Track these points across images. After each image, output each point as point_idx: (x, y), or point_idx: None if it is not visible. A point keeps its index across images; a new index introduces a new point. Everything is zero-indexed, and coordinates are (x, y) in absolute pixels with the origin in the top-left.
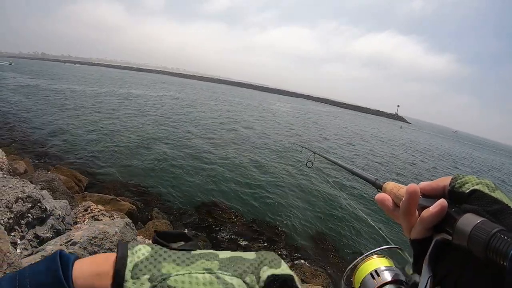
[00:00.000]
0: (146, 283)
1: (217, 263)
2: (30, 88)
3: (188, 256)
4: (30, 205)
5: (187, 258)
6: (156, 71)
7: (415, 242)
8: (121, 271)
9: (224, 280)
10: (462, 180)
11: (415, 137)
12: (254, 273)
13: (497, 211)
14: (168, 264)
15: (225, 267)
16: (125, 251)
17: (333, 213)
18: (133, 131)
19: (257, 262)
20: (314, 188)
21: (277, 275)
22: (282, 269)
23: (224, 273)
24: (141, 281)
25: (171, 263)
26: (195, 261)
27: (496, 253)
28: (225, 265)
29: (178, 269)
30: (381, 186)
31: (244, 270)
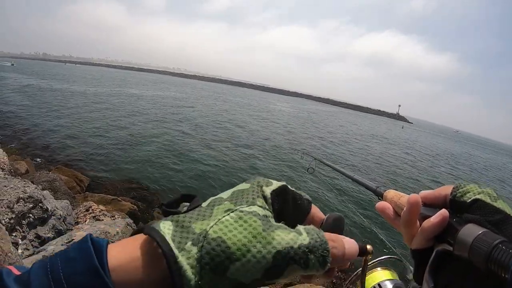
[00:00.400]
0: (193, 248)
1: (228, 203)
2: (31, 88)
3: (204, 210)
4: (31, 205)
5: (204, 211)
6: (157, 71)
7: (416, 252)
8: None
9: (247, 211)
10: (463, 189)
11: (417, 137)
12: (259, 196)
13: (499, 221)
14: (197, 224)
15: (237, 202)
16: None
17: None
18: (134, 131)
19: (256, 187)
20: (315, 194)
21: (275, 189)
22: (276, 183)
23: (242, 206)
24: (187, 250)
25: (198, 222)
26: (213, 210)
27: (498, 265)
28: (236, 201)
29: (207, 222)
30: (382, 194)
31: (253, 197)
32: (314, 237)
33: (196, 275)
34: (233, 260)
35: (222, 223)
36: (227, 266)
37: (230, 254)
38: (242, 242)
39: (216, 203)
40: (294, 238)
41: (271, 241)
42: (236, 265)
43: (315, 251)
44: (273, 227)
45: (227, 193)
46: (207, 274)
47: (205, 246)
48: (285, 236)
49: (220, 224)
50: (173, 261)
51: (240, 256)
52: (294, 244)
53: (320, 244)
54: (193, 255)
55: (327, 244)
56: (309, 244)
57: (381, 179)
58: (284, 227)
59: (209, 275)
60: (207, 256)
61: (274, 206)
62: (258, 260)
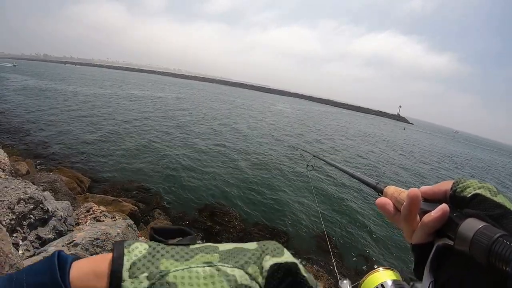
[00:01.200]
0: (145, 281)
1: (217, 255)
2: (32, 89)
3: (186, 251)
4: (32, 206)
5: (185, 253)
6: (157, 72)
7: (416, 247)
8: (118, 271)
9: (226, 272)
10: (463, 184)
11: (418, 138)
12: (256, 263)
13: (499, 216)
14: (167, 260)
15: (226, 259)
16: (121, 250)
17: (334, 216)
18: (135, 132)
19: (259, 252)
20: (315, 191)
21: (280, 263)
22: (285, 257)
23: (225, 265)
24: (139, 280)
25: (169, 259)
26: (194, 255)
27: (499, 258)
28: (225, 257)
29: (176, 264)
30: (382, 190)
31: (245, 261)
32: None
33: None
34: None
35: (190, 272)
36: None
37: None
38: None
39: (204, 250)
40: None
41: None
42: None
43: None
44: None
45: (226, 246)
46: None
47: (156, 285)
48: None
49: (187, 272)
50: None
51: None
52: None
53: None
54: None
55: None
56: None
57: (381, 178)
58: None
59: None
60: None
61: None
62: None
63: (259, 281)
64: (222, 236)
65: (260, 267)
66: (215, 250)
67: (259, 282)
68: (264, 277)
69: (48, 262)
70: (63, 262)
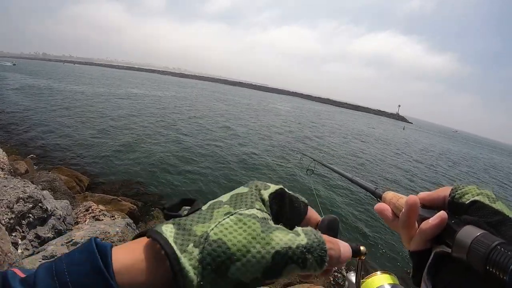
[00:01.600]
0: (194, 250)
1: (227, 206)
2: (30, 88)
3: (204, 213)
4: (31, 205)
5: (205, 215)
6: (157, 71)
7: (414, 254)
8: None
9: (246, 213)
10: (462, 191)
11: (417, 138)
12: (257, 199)
13: (498, 223)
14: (197, 227)
15: (237, 205)
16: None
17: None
18: (134, 131)
19: (254, 191)
20: (314, 195)
21: (273, 192)
22: (273, 187)
23: (241, 209)
24: (189, 251)
25: (199, 225)
26: (213, 213)
27: (496, 266)
28: (235, 204)
29: (208, 225)
30: (380, 195)
31: (251, 201)
32: (312, 238)
33: (198, 276)
34: (233, 261)
35: (222, 225)
36: (228, 266)
37: (231, 255)
38: (242, 243)
39: (215, 206)
40: (292, 239)
41: (270, 242)
42: (236, 265)
43: (313, 251)
44: (272, 229)
45: (226, 196)
46: (209, 275)
47: (207, 247)
48: (283, 237)
49: (220, 226)
50: (176, 263)
51: (240, 256)
52: (292, 245)
53: (317, 244)
54: (195, 257)
55: (325, 245)
56: (307, 244)
57: (380, 179)
58: (282, 229)
59: (210, 275)
60: (208, 257)
61: (272, 209)
62: (258, 260)
63: (267, 211)
64: None
65: (261, 200)
66: (221, 203)
67: (267, 212)
68: (268, 206)
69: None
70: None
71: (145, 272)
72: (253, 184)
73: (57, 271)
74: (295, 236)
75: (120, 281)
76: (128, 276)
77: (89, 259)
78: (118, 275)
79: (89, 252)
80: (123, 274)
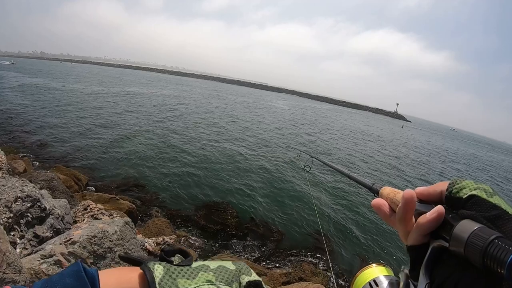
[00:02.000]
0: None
1: (211, 274)
2: (28, 87)
3: (191, 271)
4: (29, 205)
5: (191, 272)
6: (155, 70)
7: (411, 249)
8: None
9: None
10: (459, 185)
11: (415, 136)
12: (237, 280)
13: (495, 217)
14: (181, 279)
15: (218, 277)
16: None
17: (330, 215)
18: (133, 130)
19: (237, 271)
20: (312, 191)
21: (251, 281)
22: (254, 276)
23: (220, 283)
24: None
25: (182, 279)
26: (197, 274)
27: (494, 260)
28: (218, 275)
29: (189, 283)
30: (377, 191)
31: (231, 280)
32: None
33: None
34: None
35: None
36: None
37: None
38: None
39: (202, 269)
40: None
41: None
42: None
43: None
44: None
45: (214, 264)
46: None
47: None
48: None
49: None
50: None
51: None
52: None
53: None
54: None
55: None
56: None
57: (377, 177)
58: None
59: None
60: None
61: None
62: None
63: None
64: (219, 233)
65: (239, 283)
66: (208, 268)
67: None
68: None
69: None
70: (92, 277)
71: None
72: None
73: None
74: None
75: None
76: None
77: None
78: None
79: (79, 278)
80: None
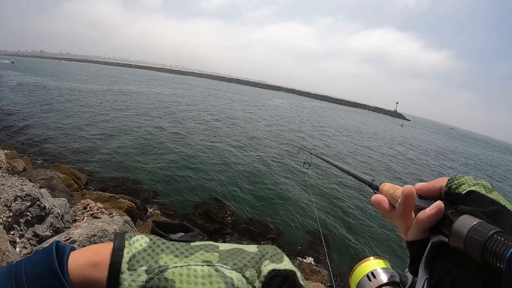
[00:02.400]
0: (143, 274)
1: (216, 255)
2: (27, 85)
3: (187, 248)
4: (29, 204)
5: (186, 249)
6: (155, 69)
7: (411, 244)
8: (117, 263)
9: (223, 273)
10: (458, 181)
11: (415, 135)
12: (254, 267)
13: (494, 213)
14: (166, 256)
15: (225, 259)
16: (122, 241)
17: (329, 212)
18: (132, 128)
19: (259, 256)
20: (312, 188)
21: (278, 270)
22: (284, 264)
23: (224, 266)
24: (138, 273)
25: (169, 255)
26: (194, 253)
27: (493, 255)
28: (225, 257)
29: (176, 260)
30: (377, 187)
31: (244, 264)
32: None
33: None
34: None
35: (189, 269)
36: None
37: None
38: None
39: (205, 248)
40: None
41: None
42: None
43: None
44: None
45: (226, 246)
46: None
47: (154, 280)
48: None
49: (186, 269)
50: (114, 274)
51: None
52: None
53: None
54: (138, 281)
55: None
56: None
57: (377, 174)
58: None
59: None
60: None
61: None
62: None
63: (256, 285)
64: (218, 231)
65: (258, 271)
66: (215, 249)
67: (255, 287)
68: (261, 282)
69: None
70: (61, 252)
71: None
72: (265, 249)
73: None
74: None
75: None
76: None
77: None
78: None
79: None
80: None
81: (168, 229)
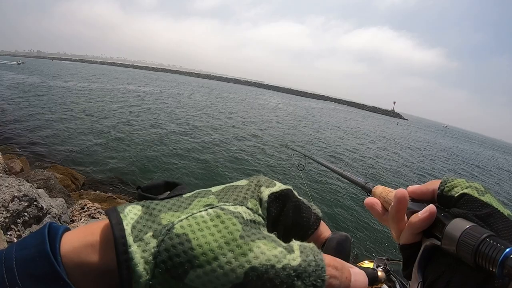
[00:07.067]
0: (152, 240)
1: (213, 197)
2: (25, 86)
3: (182, 200)
4: (26, 204)
5: (182, 202)
6: (152, 68)
7: (404, 247)
8: (122, 237)
9: (229, 210)
10: (451, 184)
11: (409, 133)
12: (253, 197)
13: (487, 216)
14: (166, 214)
15: (223, 198)
16: (118, 215)
17: (326, 215)
18: (129, 128)
19: (253, 186)
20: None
21: (276, 192)
22: (279, 186)
23: (226, 203)
24: (145, 241)
25: (168, 212)
26: (191, 202)
27: (486, 259)
28: (222, 196)
29: (178, 215)
30: (370, 190)
31: (244, 197)
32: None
33: (148, 273)
34: (194, 265)
35: (195, 218)
36: (186, 271)
37: (193, 258)
38: (210, 246)
39: (200, 195)
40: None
41: (246, 253)
42: (197, 272)
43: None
44: (255, 236)
45: (218, 187)
46: (161, 275)
47: (166, 241)
48: (268, 250)
49: (192, 219)
50: (123, 250)
51: (203, 262)
52: (277, 263)
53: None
54: (150, 249)
55: (324, 271)
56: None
57: (370, 175)
58: (271, 239)
59: (163, 276)
60: (165, 253)
61: (271, 212)
62: (225, 272)
63: (261, 213)
64: None
65: (258, 199)
66: (209, 193)
67: (261, 214)
68: (265, 208)
69: (38, 234)
70: (54, 234)
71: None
72: (255, 179)
73: (6, 256)
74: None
75: (68, 265)
76: (76, 260)
77: (37, 243)
78: (65, 258)
79: (39, 236)
80: (71, 257)
81: (154, 191)
